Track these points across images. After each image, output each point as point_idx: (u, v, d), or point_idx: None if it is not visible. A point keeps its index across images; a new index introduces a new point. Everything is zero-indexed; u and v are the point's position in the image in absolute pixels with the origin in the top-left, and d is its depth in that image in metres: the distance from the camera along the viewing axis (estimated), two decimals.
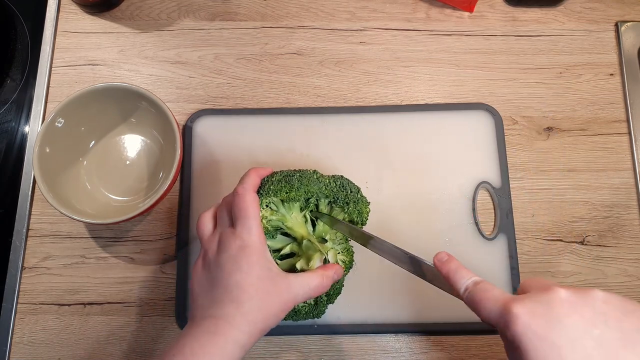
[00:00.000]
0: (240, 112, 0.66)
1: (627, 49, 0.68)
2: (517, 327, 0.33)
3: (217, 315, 0.43)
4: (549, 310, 0.34)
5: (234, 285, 0.44)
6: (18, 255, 0.61)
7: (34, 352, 0.59)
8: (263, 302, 0.44)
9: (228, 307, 0.43)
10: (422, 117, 0.66)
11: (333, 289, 0.53)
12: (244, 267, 0.44)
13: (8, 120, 0.67)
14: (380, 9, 0.71)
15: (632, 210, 0.63)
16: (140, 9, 0.70)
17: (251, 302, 0.44)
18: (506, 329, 0.34)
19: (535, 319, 0.33)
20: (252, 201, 0.47)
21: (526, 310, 0.34)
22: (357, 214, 0.52)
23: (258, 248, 0.46)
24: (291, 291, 0.46)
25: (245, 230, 0.46)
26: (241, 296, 0.44)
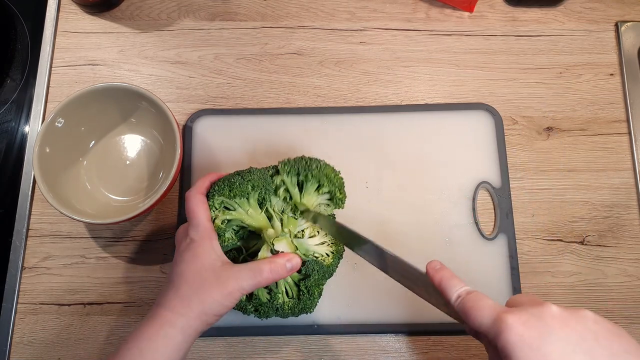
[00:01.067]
0: (240, 112, 0.66)
1: (627, 49, 0.68)
2: (510, 336, 0.34)
3: (159, 302, 0.47)
4: (542, 322, 0.34)
5: (176, 275, 0.48)
6: (18, 255, 0.61)
7: (34, 352, 0.59)
8: (201, 287, 0.46)
9: (168, 293, 0.47)
10: (422, 117, 0.66)
11: (312, 282, 0.52)
12: (187, 259, 0.48)
13: (8, 120, 0.67)
14: (380, 9, 0.71)
15: (632, 210, 0.63)
16: (140, 9, 0.70)
17: (187, 287, 0.46)
18: (497, 337, 0.35)
19: (529, 330, 0.34)
20: (198, 201, 0.50)
21: (520, 321, 0.34)
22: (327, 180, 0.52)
23: (204, 242, 0.48)
24: (235, 279, 0.47)
25: (192, 228, 0.49)
26: (180, 282, 0.47)
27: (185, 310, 0.46)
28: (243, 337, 0.59)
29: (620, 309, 0.61)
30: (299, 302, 0.52)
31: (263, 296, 0.52)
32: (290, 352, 0.59)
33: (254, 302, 0.52)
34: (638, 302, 0.61)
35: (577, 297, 0.61)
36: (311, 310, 0.53)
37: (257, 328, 0.59)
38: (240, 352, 0.59)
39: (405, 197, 0.63)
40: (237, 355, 0.59)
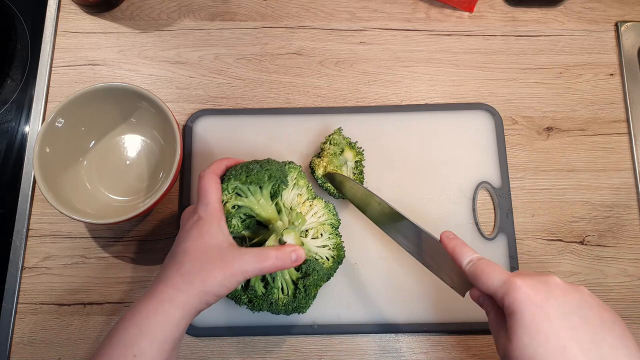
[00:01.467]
0: (240, 112, 0.66)
1: (627, 49, 0.68)
2: (518, 294, 0.39)
3: (160, 277, 0.47)
4: (546, 287, 0.39)
5: (180, 251, 0.47)
6: (18, 255, 0.61)
7: (34, 352, 0.59)
8: (204, 265, 0.46)
9: (170, 269, 0.46)
10: (422, 117, 0.66)
11: (310, 281, 0.52)
12: (193, 235, 0.47)
13: (8, 120, 0.67)
14: (380, 9, 0.71)
15: (632, 210, 0.63)
16: (140, 9, 0.70)
17: (190, 264, 0.46)
18: (506, 295, 0.39)
19: (535, 291, 0.39)
20: (211, 181, 0.50)
21: (527, 284, 0.39)
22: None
23: (212, 221, 0.48)
24: (240, 262, 0.46)
25: (202, 206, 0.49)
26: (183, 259, 0.46)
27: (187, 287, 0.45)
28: (243, 337, 0.59)
29: (620, 309, 0.61)
30: (294, 300, 0.52)
31: (259, 289, 0.52)
32: (290, 352, 0.59)
33: (248, 294, 0.52)
34: (638, 302, 0.61)
35: None
36: (304, 311, 0.53)
37: (257, 328, 0.59)
38: (240, 352, 0.59)
39: (405, 197, 0.63)
40: (237, 355, 0.59)
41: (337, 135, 0.61)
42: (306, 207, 0.55)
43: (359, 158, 0.61)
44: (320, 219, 0.55)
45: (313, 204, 0.55)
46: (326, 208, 0.56)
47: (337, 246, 0.56)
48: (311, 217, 0.55)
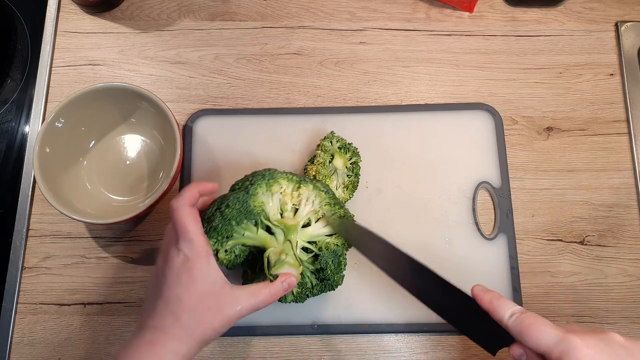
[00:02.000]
0: (240, 112, 0.66)
1: (627, 49, 0.68)
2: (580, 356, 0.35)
3: (157, 325, 0.44)
4: (610, 348, 0.36)
5: (174, 299, 0.45)
6: (18, 255, 0.61)
7: (34, 352, 0.59)
8: (202, 316, 0.44)
9: (167, 319, 0.44)
10: (422, 117, 0.66)
11: (329, 273, 0.53)
12: (185, 281, 0.45)
13: (8, 120, 0.67)
14: (380, 9, 0.71)
15: (632, 210, 0.63)
16: (140, 9, 0.70)
17: (189, 316, 0.44)
18: (565, 355, 0.36)
19: (598, 353, 0.35)
20: (187, 214, 0.47)
21: (587, 344, 0.36)
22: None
23: (201, 260, 0.45)
24: (236, 305, 0.46)
25: (185, 244, 0.46)
26: (180, 310, 0.44)
27: (187, 339, 0.44)
28: (243, 337, 0.59)
29: (620, 309, 0.61)
30: (324, 284, 0.54)
31: (295, 290, 0.53)
32: (290, 352, 0.59)
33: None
34: (638, 302, 0.61)
35: (577, 297, 0.61)
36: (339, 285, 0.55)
37: (257, 328, 0.59)
38: (240, 352, 0.59)
39: (405, 197, 0.63)
40: (237, 355, 0.59)
41: (328, 141, 0.60)
42: (295, 199, 0.53)
43: (355, 160, 0.61)
44: (315, 205, 0.54)
45: (300, 194, 0.53)
46: (315, 190, 0.53)
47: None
48: (304, 207, 0.53)
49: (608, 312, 0.60)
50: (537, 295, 0.61)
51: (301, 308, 0.59)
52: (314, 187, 0.53)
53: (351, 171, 0.60)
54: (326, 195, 0.54)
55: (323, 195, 0.54)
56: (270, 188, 0.51)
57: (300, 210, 0.53)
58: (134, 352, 0.43)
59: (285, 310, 0.59)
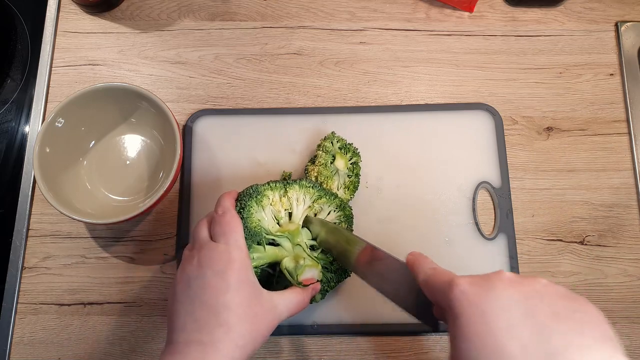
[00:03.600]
0: (240, 112, 0.66)
1: (627, 49, 0.68)
2: (455, 292, 0.34)
3: (204, 340, 0.40)
4: (487, 282, 0.34)
5: (222, 306, 0.41)
6: (18, 255, 0.61)
7: (34, 352, 0.59)
8: (252, 325, 0.42)
9: (216, 332, 0.40)
10: (422, 117, 0.66)
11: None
12: (233, 285, 0.42)
13: (8, 120, 0.67)
14: (380, 9, 0.71)
15: (632, 210, 0.63)
16: (140, 9, 0.70)
17: (241, 325, 0.41)
18: (446, 296, 0.35)
19: (472, 286, 0.34)
20: (237, 218, 0.46)
21: (467, 280, 0.34)
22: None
23: (246, 264, 0.44)
24: (276, 310, 0.45)
25: (231, 245, 0.43)
26: (230, 319, 0.41)
27: (240, 352, 0.40)
28: None
29: (620, 309, 0.61)
30: (339, 274, 0.54)
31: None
32: (290, 352, 0.59)
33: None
34: (638, 302, 0.61)
35: None
36: (349, 275, 0.56)
37: None
38: None
39: (405, 197, 0.63)
40: None
41: (328, 141, 0.60)
42: (285, 204, 0.53)
43: (355, 160, 0.61)
44: (306, 202, 0.54)
45: (289, 197, 0.53)
46: (302, 188, 0.54)
47: (339, 207, 0.55)
48: (297, 208, 0.53)
49: (608, 312, 0.60)
50: None
51: None
52: (299, 186, 0.54)
53: (352, 171, 0.60)
54: (314, 190, 0.54)
55: (311, 190, 0.54)
56: (260, 203, 0.51)
57: (294, 213, 0.53)
58: None
59: None
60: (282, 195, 0.53)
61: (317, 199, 0.54)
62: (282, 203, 0.53)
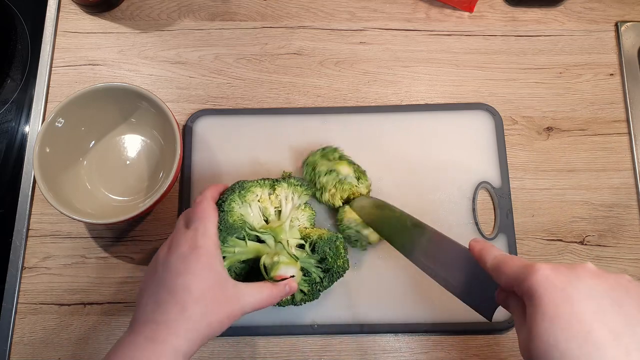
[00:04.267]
0: (240, 112, 0.66)
1: (627, 49, 0.68)
2: (537, 276, 0.34)
3: (159, 320, 0.41)
4: (572, 271, 0.34)
5: (181, 287, 0.42)
6: (18, 255, 0.61)
7: (34, 352, 0.59)
8: (209, 309, 0.42)
9: (171, 311, 0.41)
10: (422, 117, 0.66)
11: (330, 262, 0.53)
12: (193, 268, 0.42)
13: (8, 120, 0.67)
14: (380, 9, 0.71)
15: (632, 210, 0.63)
16: (140, 9, 0.70)
17: (196, 307, 0.41)
18: (525, 280, 0.35)
19: (557, 273, 0.34)
20: (211, 208, 0.47)
21: (549, 266, 0.34)
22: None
23: (212, 252, 0.44)
24: (240, 301, 0.45)
25: (200, 232, 0.44)
26: (186, 299, 0.41)
27: (192, 334, 0.40)
28: (243, 337, 0.59)
29: None
30: (331, 275, 0.54)
31: (305, 288, 0.54)
32: (290, 352, 0.59)
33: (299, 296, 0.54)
34: None
35: None
36: (345, 271, 0.55)
37: (257, 328, 0.59)
38: (240, 352, 0.59)
39: (405, 197, 0.63)
40: (236, 355, 0.59)
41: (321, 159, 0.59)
42: (274, 202, 0.54)
43: (355, 170, 0.59)
44: (295, 200, 0.55)
45: (278, 195, 0.54)
46: (290, 187, 0.55)
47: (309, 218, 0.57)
48: (285, 206, 0.54)
49: None
50: None
51: (301, 308, 0.59)
52: (288, 184, 0.54)
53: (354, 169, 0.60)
54: (302, 188, 0.55)
55: (299, 189, 0.55)
56: (244, 199, 0.52)
57: (282, 210, 0.54)
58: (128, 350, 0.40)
59: (286, 311, 0.59)
60: (270, 193, 0.54)
61: (305, 196, 0.55)
62: (271, 201, 0.53)
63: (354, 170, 0.59)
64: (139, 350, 0.39)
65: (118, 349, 0.41)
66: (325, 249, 0.53)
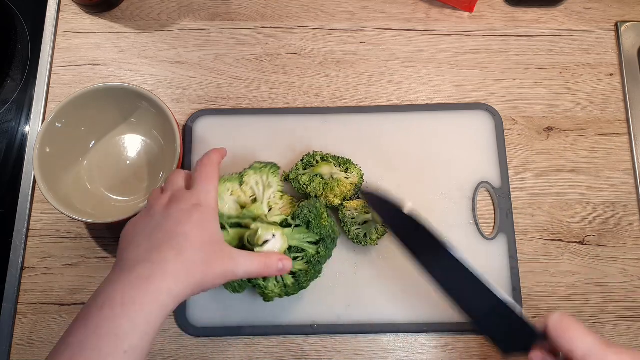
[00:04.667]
0: (240, 112, 0.66)
1: (627, 49, 0.68)
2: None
3: (154, 259, 0.40)
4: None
5: (180, 234, 0.42)
6: (18, 255, 0.61)
7: (34, 352, 0.59)
8: (206, 256, 0.42)
9: (167, 252, 0.41)
10: (422, 117, 0.66)
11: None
12: (196, 220, 0.43)
13: (8, 120, 0.67)
14: (380, 9, 0.71)
15: (632, 210, 0.63)
16: (140, 9, 0.70)
17: (194, 252, 0.42)
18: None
19: None
20: (215, 170, 0.48)
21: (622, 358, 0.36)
22: None
23: (212, 212, 0.45)
24: (233, 261, 0.45)
25: (203, 192, 0.45)
26: (184, 244, 0.41)
27: (186, 277, 0.40)
28: (243, 337, 0.59)
29: (620, 309, 0.60)
30: (325, 244, 0.54)
31: (303, 266, 0.54)
32: (290, 352, 0.59)
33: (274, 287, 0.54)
34: (638, 302, 0.61)
35: (577, 297, 0.61)
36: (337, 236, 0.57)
37: (257, 328, 0.59)
38: (240, 352, 0.59)
39: (405, 197, 0.62)
40: (237, 355, 0.59)
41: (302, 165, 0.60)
42: (248, 191, 0.55)
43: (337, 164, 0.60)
44: (265, 181, 0.56)
45: (248, 183, 0.55)
46: (257, 172, 0.56)
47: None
48: (258, 190, 0.55)
49: (608, 312, 0.60)
50: (537, 295, 0.61)
51: (301, 308, 0.59)
52: (253, 170, 0.56)
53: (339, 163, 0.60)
54: (267, 168, 0.56)
55: (265, 169, 0.56)
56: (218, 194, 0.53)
57: (257, 195, 0.55)
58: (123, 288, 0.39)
59: (286, 311, 0.59)
60: (240, 184, 0.55)
61: (273, 175, 0.56)
62: (243, 191, 0.55)
63: (335, 164, 0.59)
64: (131, 288, 0.39)
65: (106, 286, 0.40)
66: (304, 212, 0.53)
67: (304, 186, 0.58)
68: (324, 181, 0.58)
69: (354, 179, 0.59)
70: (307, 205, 0.54)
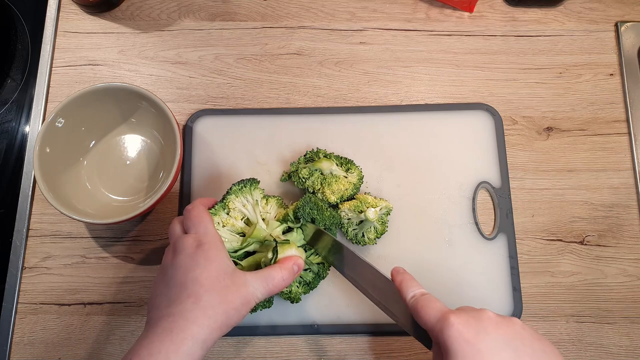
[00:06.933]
0: (240, 112, 0.66)
1: (627, 49, 0.68)
2: (451, 331, 0.39)
3: (174, 312, 0.42)
4: (479, 322, 0.40)
5: (191, 281, 0.44)
6: (18, 255, 0.61)
7: (34, 352, 0.59)
8: (222, 296, 0.43)
9: (185, 302, 0.43)
10: (421, 117, 0.66)
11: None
12: (201, 262, 0.45)
13: (8, 120, 0.67)
14: (380, 9, 0.71)
15: (631, 210, 0.63)
16: (140, 9, 0.70)
17: (209, 295, 0.43)
18: (441, 333, 0.40)
19: (467, 328, 0.39)
20: (203, 211, 0.49)
21: (461, 320, 0.40)
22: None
23: (216, 245, 0.46)
24: (249, 286, 0.46)
25: (201, 232, 0.47)
26: (198, 290, 0.43)
27: (209, 322, 0.42)
28: (243, 337, 0.59)
29: (620, 309, 0.61)
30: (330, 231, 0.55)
31: (309, 277, 0.55)
32: (290, 352, 0.59)
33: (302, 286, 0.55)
34: (638, 302, 0.61)
35: (577, 297, 0.61)
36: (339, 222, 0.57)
37: (257, 328, 0.59)
38: (240, 352, 0.59)
39: (405, 197, 0.63)
40: (236, 355, 0.59)
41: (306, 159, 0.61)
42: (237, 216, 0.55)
43: (338, 162, 0.60)
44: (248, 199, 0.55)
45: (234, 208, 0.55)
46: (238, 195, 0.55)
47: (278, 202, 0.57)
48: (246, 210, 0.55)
49: (608, 312, 0.60)
50: (537, 295, 0.61)
51: (301, 308, 0.59)
52: (233, 193, 0.55)
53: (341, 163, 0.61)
54: (247, 187, 0.55)
55: (245, 188, 0.55)
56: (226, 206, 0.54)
57: (249, 216, 0.55)
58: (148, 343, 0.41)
59: (286, 311, 0.59)
60: (227, 211, 0.54)
61: (255, 190, 0.56)
62: (233, 217, 0.54)
63: (337, 163, 0.60)
64: (158, 342, 0.41)
65: (136, 346, 0.41)
66: (306, 210, 0.53)
67: (303, 179, 0.58)
68: (322, 176, 0.58)
69: (353, 179, 0.59)
70: (304, 204, 0.54)
